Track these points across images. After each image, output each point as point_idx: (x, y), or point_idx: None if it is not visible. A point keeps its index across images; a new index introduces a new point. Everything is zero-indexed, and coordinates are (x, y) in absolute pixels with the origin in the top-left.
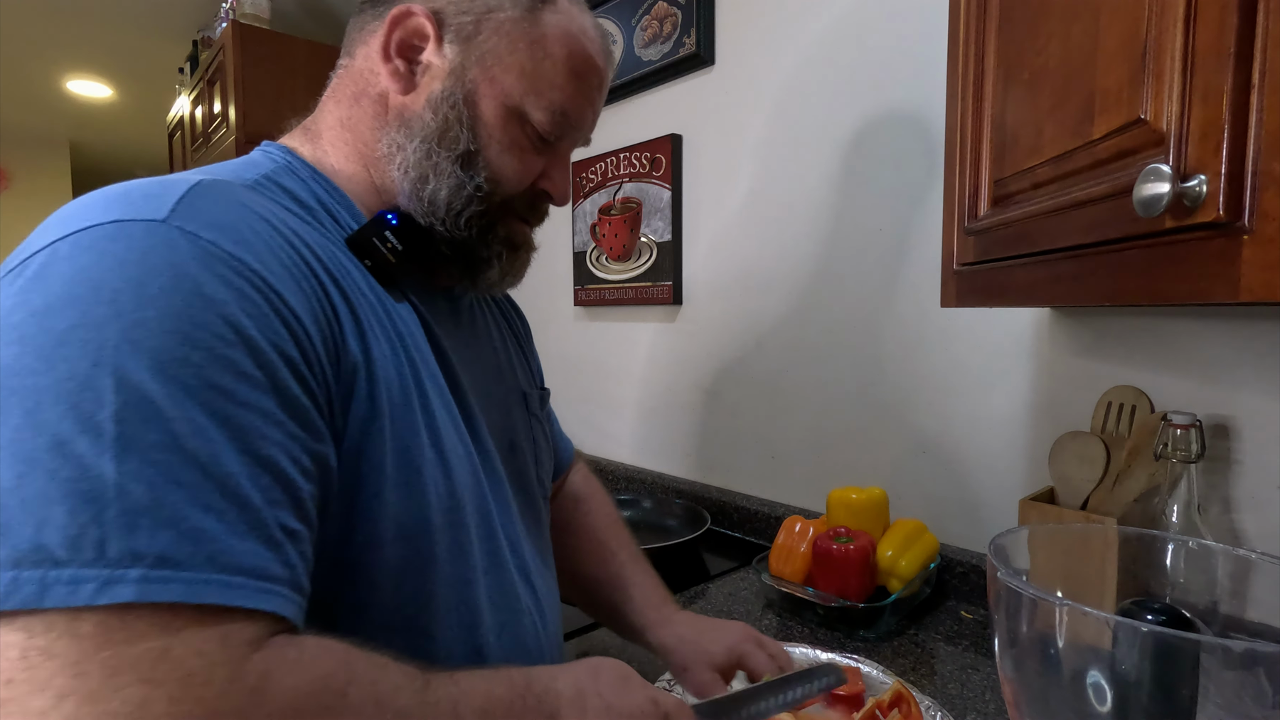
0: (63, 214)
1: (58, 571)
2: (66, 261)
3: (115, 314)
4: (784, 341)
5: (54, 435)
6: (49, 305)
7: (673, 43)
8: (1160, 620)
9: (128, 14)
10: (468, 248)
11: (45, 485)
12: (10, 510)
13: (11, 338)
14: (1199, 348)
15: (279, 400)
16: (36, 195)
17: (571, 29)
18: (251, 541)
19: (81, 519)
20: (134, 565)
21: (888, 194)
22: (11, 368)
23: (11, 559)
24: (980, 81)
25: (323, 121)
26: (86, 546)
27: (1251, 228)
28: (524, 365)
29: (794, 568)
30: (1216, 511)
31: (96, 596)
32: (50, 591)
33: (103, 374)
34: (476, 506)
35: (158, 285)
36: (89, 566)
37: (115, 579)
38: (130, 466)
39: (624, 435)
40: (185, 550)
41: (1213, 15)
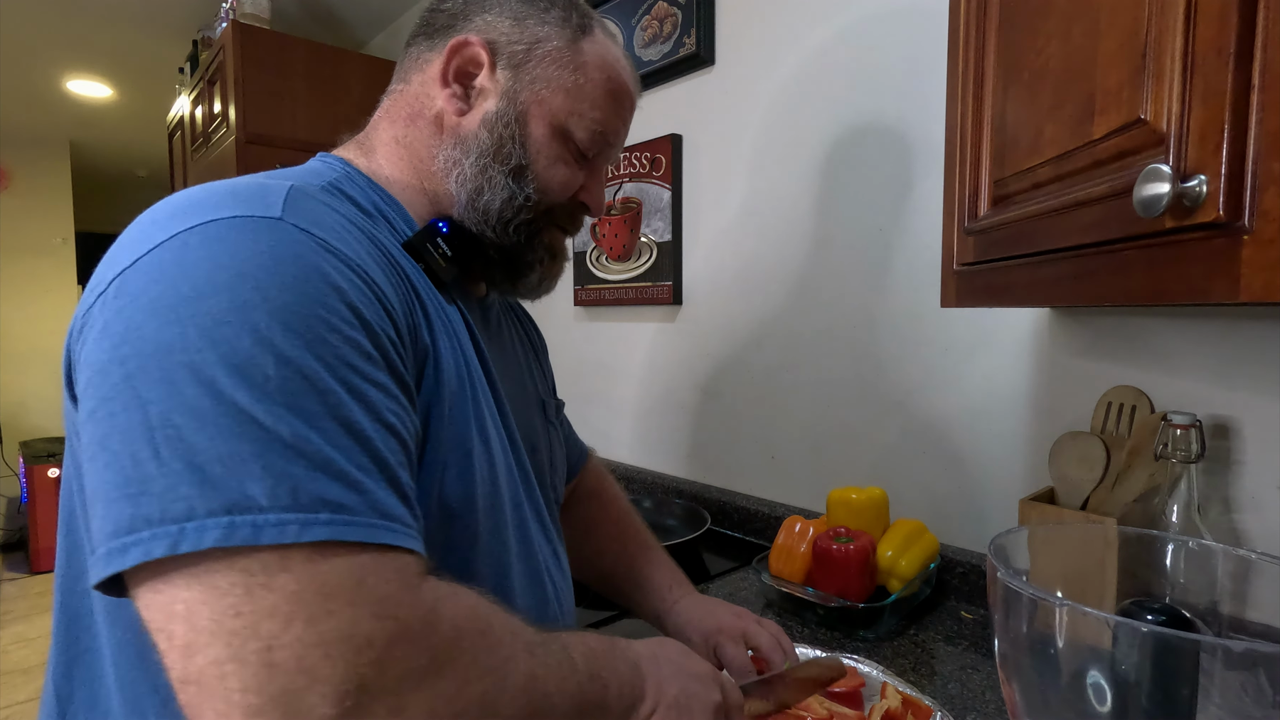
0: (172, 208)
1: (265, 516)
2: (202, 250)
3: (262, 298)
4: (784, 341)
5: (232, 403)
6: (199, 290)
7: (673, 43)
8: (1160, 620)
9: (128, 14)
10: (515, 253)
11: (237, 445)
12: (210, 467)
13: (170, 318)
14: (1199, 348)
15: (392, 376)
16: (36, 195)
17: (608, 58)
18: (393, 495)
19: (275, 473)
20: (323, 510)
21: (888, 194)
22: (176, 345)
23: (223, 507)
24: (980, 81)
25: (377, 138)
26: (283, 495)
27: (1251, 228)
28: (541, 375)
29: (794, 568)
30: (1216, 511)
31: (301, 534)
32: (264, 532)
33: (263, 351)
34: (510, 496)
35: (291, 274)
36: (289, 511)
37: (311, 521)
38: (300, 429)
39: (624, 435)
40: (353, 499)
41: (1213, 15)
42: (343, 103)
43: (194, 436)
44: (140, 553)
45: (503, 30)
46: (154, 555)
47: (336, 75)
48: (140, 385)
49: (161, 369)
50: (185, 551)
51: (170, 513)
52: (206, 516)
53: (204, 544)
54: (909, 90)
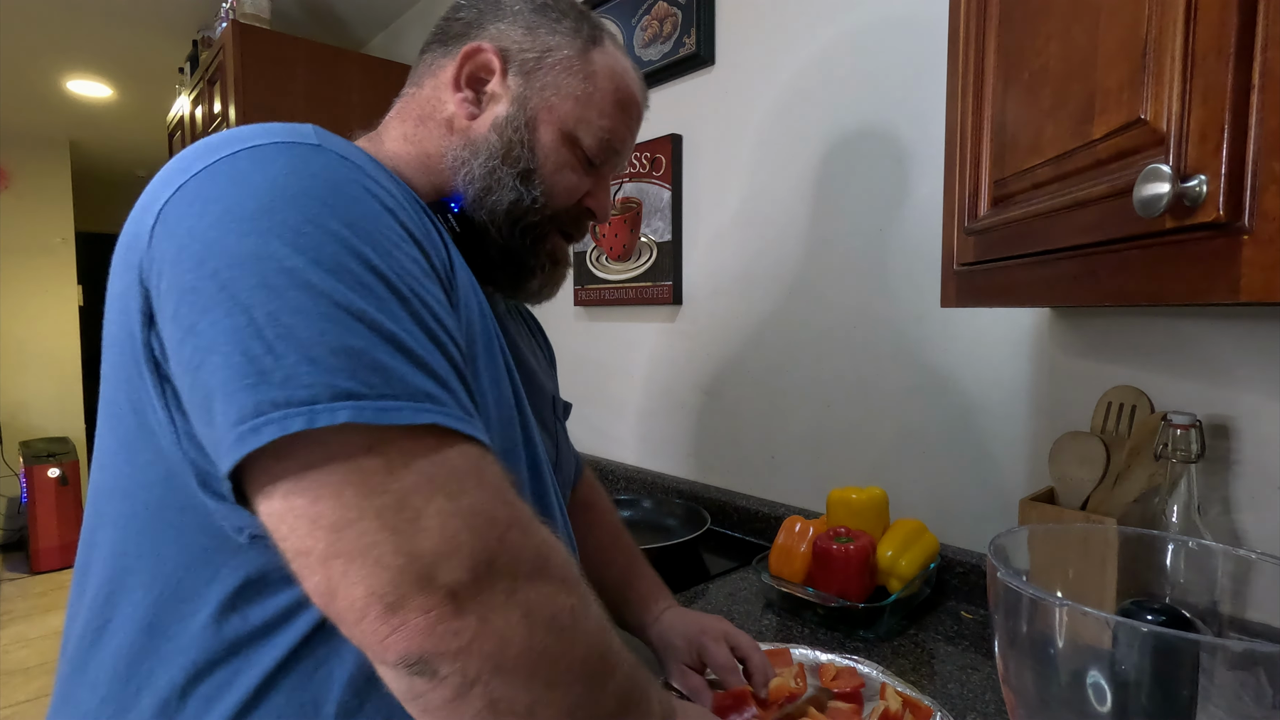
0: (203, 147)
1: (387, 401)
2: (256, 171)
3: (331, 212)
4: (784, 341)
5: (331, 300)
6: (268, 204)
7: (673, 43)
8: (1160, 620)
9: (128, 14)
10: (518, 255)
11: (344, 338)
12: (328, 358)
13: (248, 229)
14: (1199, 348)
15: (443, 290)
16: (36, 195)
17: (617, 68)
18: (469, 399)
19: (383, 364)
20: (426, 400)
21: (888, 194)
22: (264, 254)
23: (346, 392)
24: (980, 82)
25: (386, 135)
26: (396, 383)
27: (1251, 228)
28: (550, 375)
29: (794, 568)
30: (1216, 511)
31: (418, 416)
32: (388, 414)
33: (347, 254)
34: (530, 462)
35: (348, 193)
36: (404, 399)
37: (422, 409)
38: (395, 328)
39: (624, 435)
40: (446, 396)
41: (1213, 15)
42: (343, 103)
43: (303, 332)
44: (275, 429)
45: (515, 39)
46: (290, 429)
47: (336, 75)
48: (238, 291)
49: (256, 274)
50: (321, 425)
51: (297, 396)
52: (331, 400)
53: (337, 419)
54: (909, 90)
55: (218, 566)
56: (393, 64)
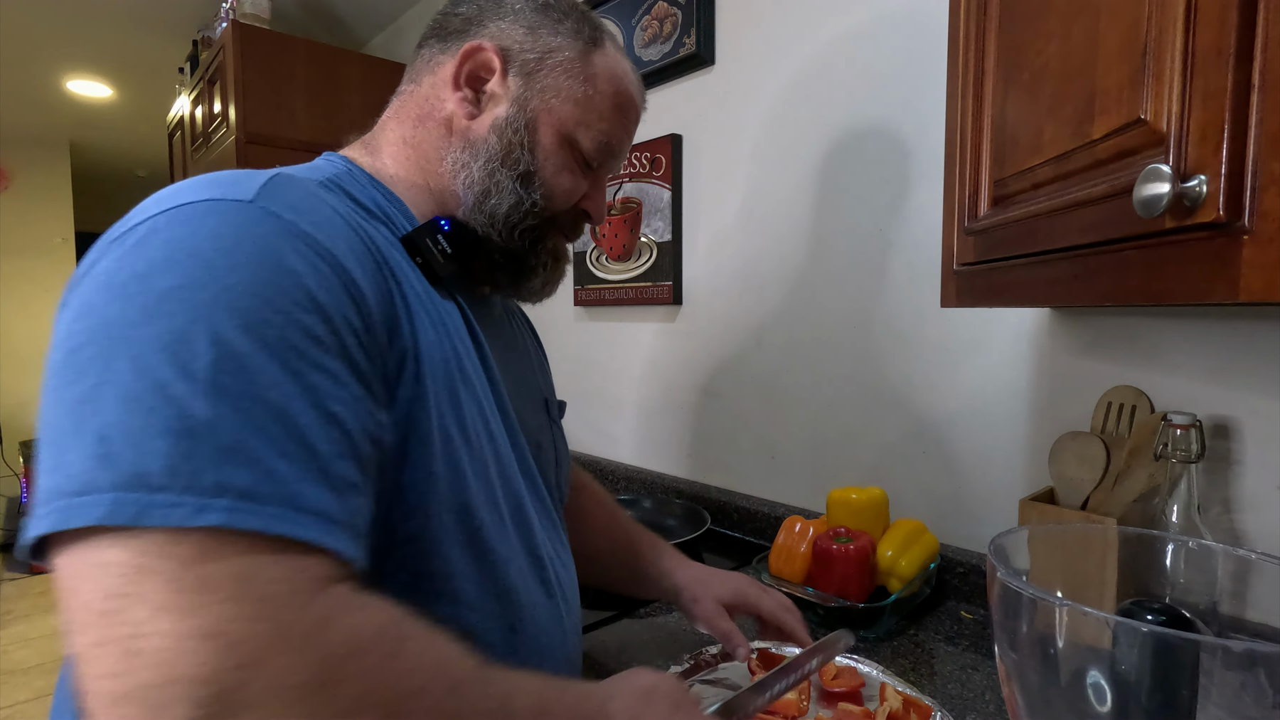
0: (160, 195)
1: (158, 495)
2: (166, 232)
3: (210, 278)
4: (784, 341)
5: (155, 379)
6: (151, 268)
7: (673, 43)
8: (1160, 620)
9: (128, 14)
10: (519, 256)
11: (148, 420)
12: (116, 441)
13: (118, 294)
14: (1199, 348)
15: (346, 364)
16: (36, 195)
17: (617, 71)
18: (320, 487)
19: (179, 452)
20: (222, 496)
21: (888, 194)
22: (118, 320)
23: (117, 482)
24: (980, 81)
25: (384, 138)
26: (182, 476)
27: (1251, 228)
28: (544, 374)
29: (794, 568)
30: (1216, 511)
31: (190, 519)
32: (151, 512)
33: (199, 329)
34: (511, 492)
35: (245, 255)
36: (185, 493)
37: (207, 506)
38: (221, 410)
39: (624, 435)
40: (264, 488)
41: (1213, 15)
42: (343, 103)
43: (112, 411)
44: (40, 526)
45: (516, 38)
46: (41, 530)
47: (336, 75)
48: (80, 359)
49: (100, 344)
50: (72, 527)
51: (69, 486)
52: (100, 491)
53: (87, 520)
54: (909, 90)
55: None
56: (393, 64)
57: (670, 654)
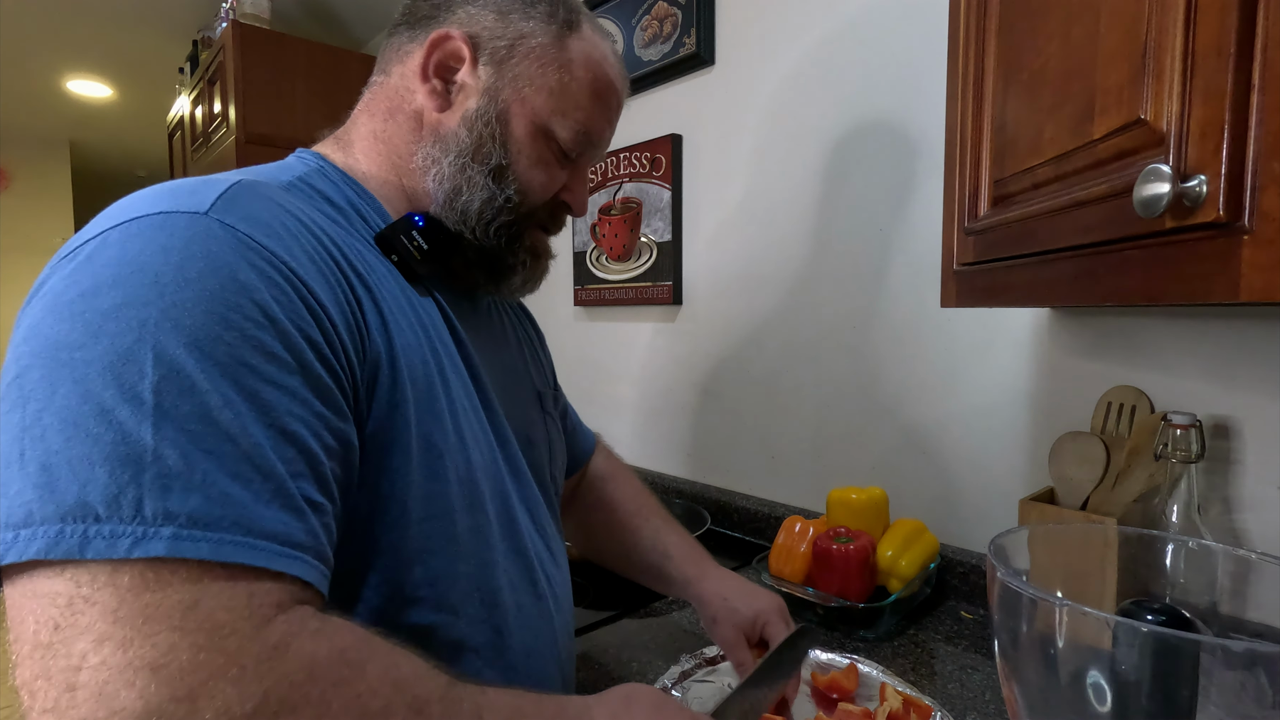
0: (114, 208)
1: (98, 526)
2: (115, 247)
3: (158, 294)
4: (784, 341)
5: (98, 403)
6: (97, 285)
7: (673, 43)
8: (1160, 620)
9: (128, 14)
10: (495, 255)
11: (89, 448)
12: (58, 470)
13: (64, 314)
14: (1199, 348)
15: (304, 379)
16: (36, 195)
17: (594, 55)
18: (276, 509)
19: (121, 480)
20: (167, 524)
21: (887, 194)
22: (62, 342)
23: (58, 514)
24: (980, 82)
25: (355, 132)
26: (125, 505)
27: (1251, 228)
28: (538, 366)
29: (794, 568)
30: (1216, 512)
31: (132, 550)
32: (92, 544)
33: (144, 349)
34: (496, 492)
35: (196, 270)
36: (127, 523)
37: (150, 535)
38: (166, 434)
39: (624, 435)
40: (215, 513)
41: (1213, 15)
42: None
43: (54, 438)
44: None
45: (486, 24)
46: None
47: (336, 75)
48: (25, 383)
49: (44, 367)
50: (11, 561)
51: (12, 518)
52: (41, 524)
53: (26, 554)
54: (909, 90)
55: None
56: None
57: (670, 654)
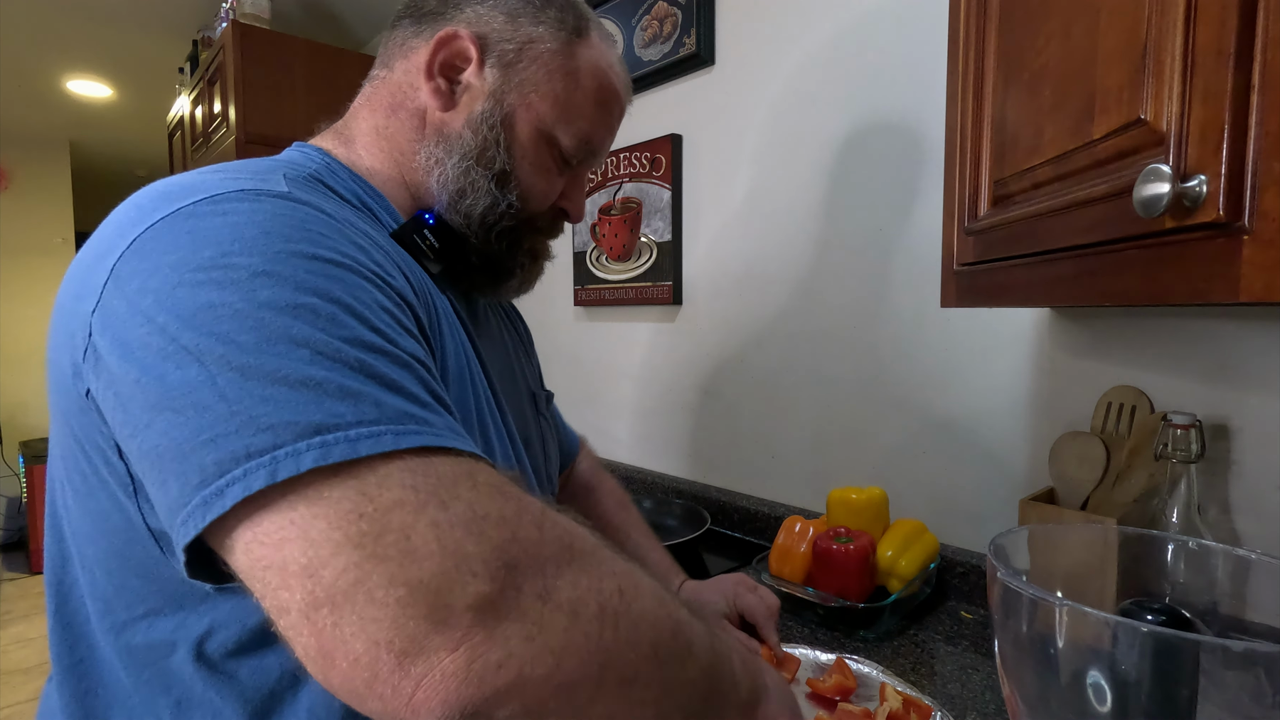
0: (159, 194)
1: (357, 430)
2: (216, 218)
3: (294, 253)
4: (784, 341)
5: (290, 338)
6: (226, 251)
7: (673, 43)
8: (1160, 620)
9: (128, 14)
10: (496, 259)
11: (309, 372)
12: (289, 397)
13: (202, 279)
14: (1199, 348)
15: (422, 336)
16: (36, 195)
17: (601, 64)
18: (446, 416)
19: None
20: (409, 422)
21: (887, 194)
22: (217, 300)
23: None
24: (980, 81)
25: (356, 127)
26: (368, 410)
27: (1251, 228)
28: (531, 367)
29: (794, 568)
30: (1216, 512)
31: (398, 443)
32: (360, 444)
33: (308, 295)
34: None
35: (317, 232)
36: (376, 424)
37: (404, 431)
38: (364, 357)
39: (624, 435)
40: (431, 417)
41: (1213, 15)
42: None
43: (260, 375)
44: (239, 490)
45: (495, 26)
46: (254, 488)
47: (336, 75)
48: (188, 343)
49: (206, 325)
50: (285, 477)
51: (256, 445)
52: (296, 440)
53: (303, 466)
54: (909, 90)
55: (189, 610)
56: None
57: None
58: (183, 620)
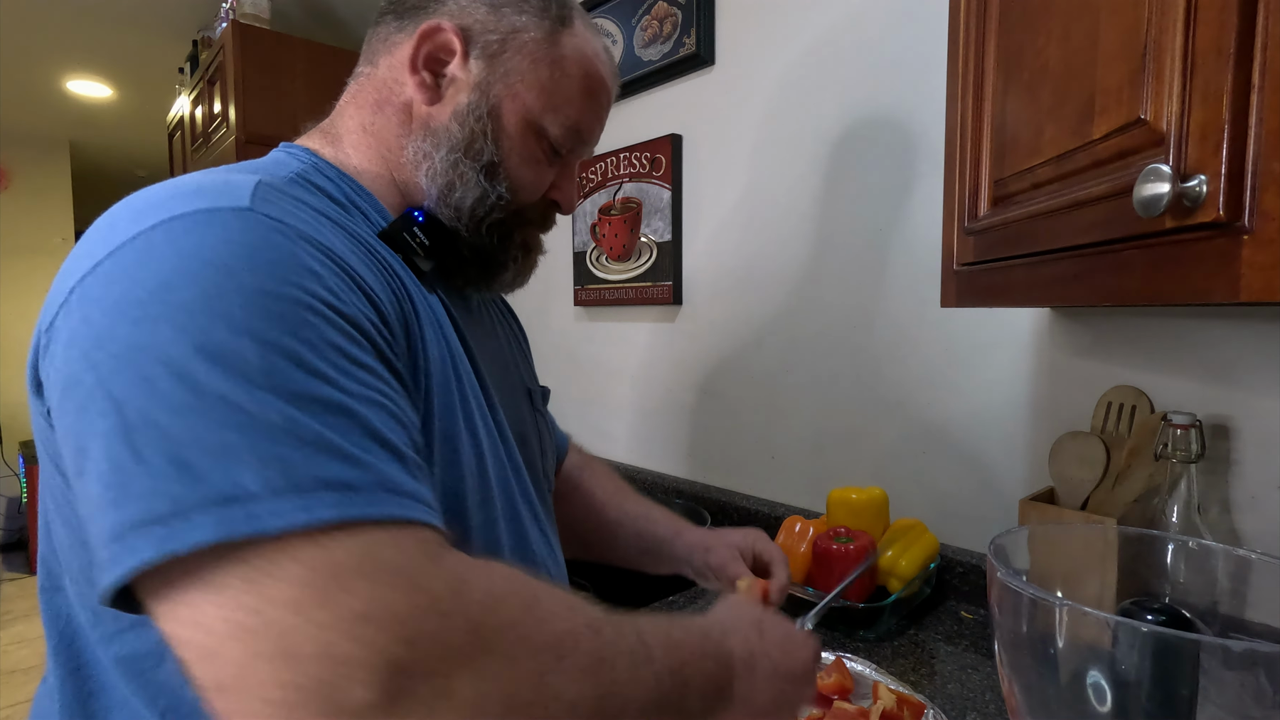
0: (130, 209)
1: (260, 504)
2: (167, 246)
3: (236, 285)
4: (784, 341)
5: (213, 392)
6: (166, 283)
7: (673, 43)
8: (1160, 620)
9: (128, 14)
10: (488, 252)
11: (221, 434)
12: (193, 460)
13: (138, 315)
14: (1199, 348)
15: (380, 362)
16: (36, 195)
17: (587, 51)
18: (401, 470)
19: (265, 457)
20: (323, 491)
21: (887, 194)
22: (145, 342)
23: (210, 499)
24: (980, 81)
25: (343, 125)
26: (276, 479)
27: (1251, 228)
28: (526, 363)
29: (794, 567)
30: (1216, 512)
31: (301, 518)
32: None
33: (240, 337)
34: (502, 489)
35: (265, 259)
36: (285, 496)
37: (312, 503)
38: (289, 412)
39: (624, 435)
40: (356, 475)
41: (1213, 15)
42: None
43: (175, 430)
44: (132, 559)
45: (478, 17)
46: (144, 559)
47: (336, 75)
48: (113, 387)
49: (134, 367)
50: (175, 550)
51: (155, 512)
52: (194, 511)
53: (195, 539)
54: (909, 90)
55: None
56: None
57: None
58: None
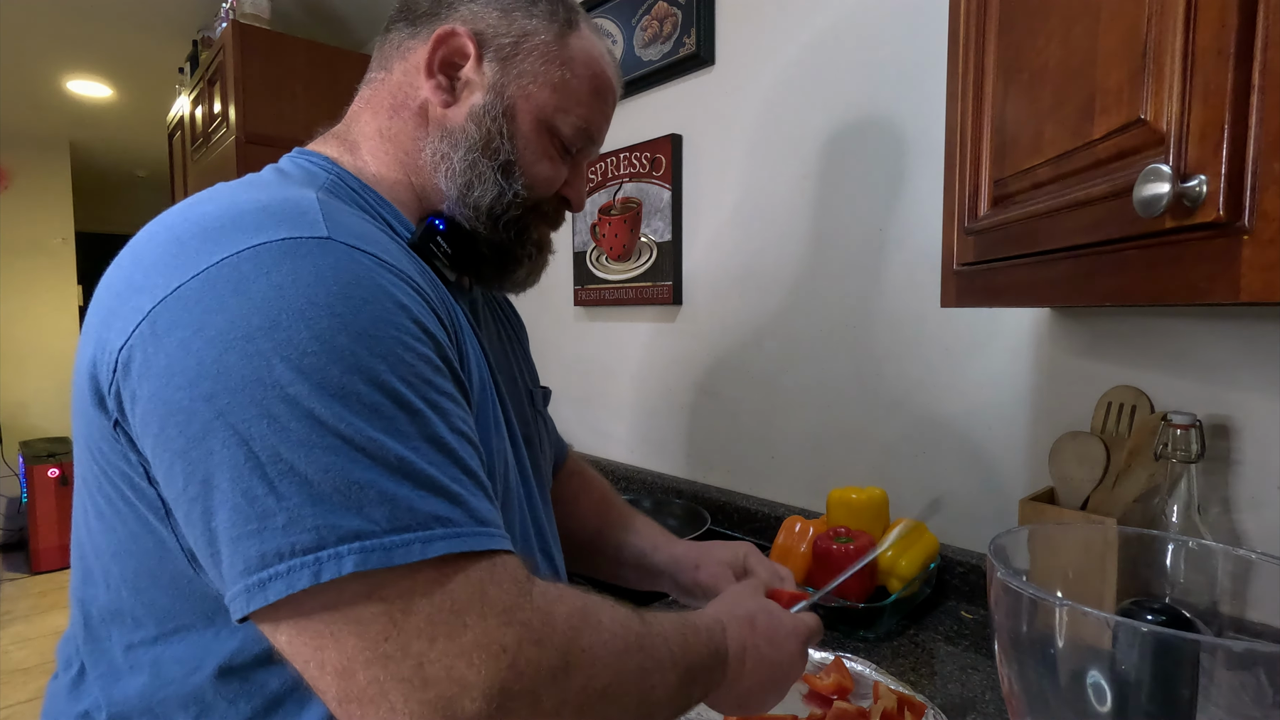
0: (201, 231)
1: (391, 538)
2: (260, 278)
3: (341, 325)
4: (784, 341)
5: (336, 432)
6: (273, 320)
7: (673, 43)
8: (1160, 620)
9: (128, 14)
10: (506, 249)
11: (349, 473)
12: (332, 497)
13: (249, 351)
14: (1199, 348)
15: (455, 385)
16: (36, 195)
17: (593, 53)
18: (485, 501)
19: (389, 496)
20: (435, 526)
21: (888, 193)
22: (266, 378)
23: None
24: (980, 81)
25: (359, 131)
26: (402, 516)
27: (1251, 228)
28: (527, 364)
29: (794, 568)
30: (1216, 512)
31: (424, 552)
32: (394, 554)
33: (353, 377)
34: (519, 490)
35: (360, 296)
36: (408, 531)
37: (430, 538)
38: (401, 451)
39: (624, 435)
40: (456, 513)
41: (1213, 15)
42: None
43: (305, 468)
44: (282, 586)
45: (490, 21)
46: (297, 587)
47: (336, 75)
48: (236, 421)
49: (256, 404)
50: (327, 580)
51: (302, 544)
52: (338, 544)
53: (344, 570)
54: (909, 89)
55: (220, 625)
56: None
57: None
58: (215, 634)
